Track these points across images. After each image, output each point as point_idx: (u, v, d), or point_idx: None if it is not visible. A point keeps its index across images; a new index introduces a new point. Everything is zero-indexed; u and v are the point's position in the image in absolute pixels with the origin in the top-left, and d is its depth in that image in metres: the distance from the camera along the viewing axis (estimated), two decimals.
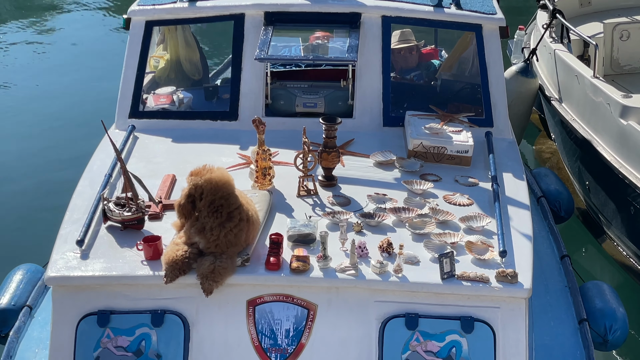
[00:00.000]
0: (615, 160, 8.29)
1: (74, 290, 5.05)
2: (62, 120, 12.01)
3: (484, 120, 6.86)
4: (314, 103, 7.05)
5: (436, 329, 4.92)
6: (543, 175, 8.17)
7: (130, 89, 6.97)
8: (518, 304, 4.95)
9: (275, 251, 5.06)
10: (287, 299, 5.00)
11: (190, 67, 7.89)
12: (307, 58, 7.12)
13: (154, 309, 4.99)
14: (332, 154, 5.89)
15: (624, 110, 8.20)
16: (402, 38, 7.92)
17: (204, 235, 4.93)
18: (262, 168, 5.82)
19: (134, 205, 5.41)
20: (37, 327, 5.82)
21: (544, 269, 6.32)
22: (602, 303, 6.03)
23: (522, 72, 9.90)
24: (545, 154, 10.86)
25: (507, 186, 6.05)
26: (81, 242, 5.23)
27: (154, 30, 7.21)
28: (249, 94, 6.93)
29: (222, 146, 6.59)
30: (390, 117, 6.90)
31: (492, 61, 6.92)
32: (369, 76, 6.92)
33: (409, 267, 5.06)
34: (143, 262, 5.10)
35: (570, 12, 10.42)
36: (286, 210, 5.67)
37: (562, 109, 9.45)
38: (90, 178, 6.09)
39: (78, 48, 15.09)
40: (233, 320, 5.00)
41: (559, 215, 7.74)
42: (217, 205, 4.92)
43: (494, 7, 7.13)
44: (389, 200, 5.76)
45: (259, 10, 6.97)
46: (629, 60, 9.84)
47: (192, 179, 4.98)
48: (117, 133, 6.76)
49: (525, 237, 5.44)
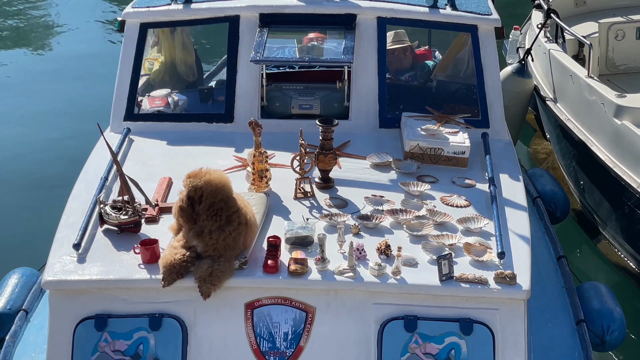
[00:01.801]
0: (610, 160, 8.29)
1: (71, 294, 5.03)
2: (56, 123, 11.96)
3: (480, 121, 6.86)
4: (310, 105, 7.04)
5: (435, 331, 4.91)
6: (538, 176, 8.18)
7: (125, 91, 6.95)
8: (517, 306, 4.95)
9: (273, 254, 5.04)
10: (285, 302, 4.98)
11: (185, 69, 7.86)
12: (303, 60, 7.11)
13: (151, 313, 4.97)
14: (329, 156, 5.88)
15: (618, 109, 8.20)
16: (396, 39, 7.90)
17: (202, 239, 4.91)
18: (259, 170, 5.81)
19: (131, 209, 5.39)
20: (34, 331, 5.79)
21: (540, 270, 6.32)
22: (599, 304, 6.04)
23: (517, 73, 9.89)
24: (541, 154, 10.86)
25: (504, 187, 6.05)
26: (78, 245, 5.21)
27: (148, 33, 7.18)
28: (244, 96, 6.91)
29: (217, 148, 6.58)
30: (386, 118, 6.89)
31: (488, 62, 6.92)
32: (365, 77, 6.91)
33: (407, 269, 5.05)
34: (140, 265, 5.08)
35: (565, 12, 10.42)
36: (283, 212, 5.65)
37: (557, 109, 9.45)
38: (86, 181, 6.07)
39: (72, 50, 15.02)
40: (231, 323, 4.98)
41: (555, 215, 7.74)
42: (217, 208, 4.90)
43: (489, 7, 7.13)
44: (386, 202, 5.75)
45: (254, 12, 6.95)
46: (624, 60, 9.83)
47: (191, 181, 4.95)
48: (112, 136, 6.73)
49: (523, 239, 5.44)
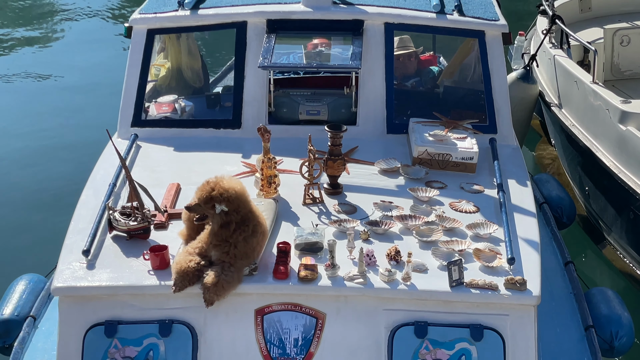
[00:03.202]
0: (615, 166, 8.29)
1: (80, 301, 5.02)
2: (63, 129, 11.97)
3: (488, 126, 6.86)
4: (317, 111, 7.04)
5: (445, 337, 4.91)
6: (544, 181, 8.18)
7: (132, 97, 6.95)
8: (527, 311, 4.95)
9: (283, 260, 5.04)
10: (295, 308, 4.98)
11: (191, 75, 7.86)
12: (311, 66, 7.11)
13: (161, 319, 4.97)
14: (338, 162, 5.88)
15: (623, 115, 8.21)
16: (401, 44, 7.90)
17: (226, 250, 4.89)
18: (268, 176, 5.80)
19: (140, 215, 5.39)
20: (42, 337, 5.78)
21: (548, 275, 6.30)
22: (607, 309, 6.04)
23: (522, 78, 9.91)
24: (546, 160, 10.86)
25: (513, 193, 6.04)
26: (87, 252, 5.21)
27: (155, 39, 7.18)
28: (252, 101, 6.91)
29: (225, 154, 6.57)
30: (394, 124, 6.89)
31: (495, 67, 6.92)
32: (372, 83, 6.91)
33: (417, 275, 5.04)
34: (150, 271, 5.08)
35: (570, 18, 10.44)
36: (292, 218, 5.65)
37: (562, 114, 9.45)
38: (94, 187, 6.06)
39: (79, 56, 15.02)
40: (241, 329, 4.98)
41: (561, 221, 7.73)
42: (246, 218, 4.90)
43: (496, 13, 7.12)
44: (395, 207, 5.75)
45: (261, 18, 6.96)
46: (630, 66, 9.85)
47: (223, 189, 4.87)
48: (120, 142, 6.73)
49: (532, 244, 5.43)
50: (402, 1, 7.16)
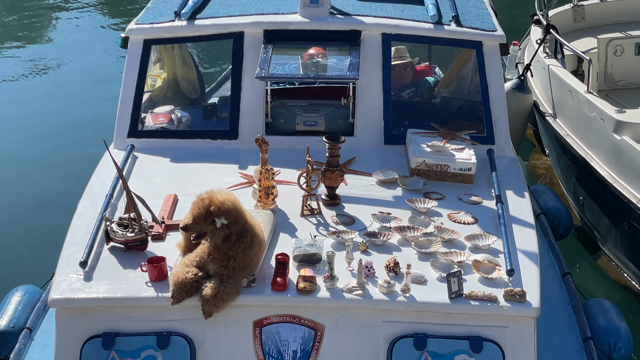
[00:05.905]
0: (609, 176, 8.30)
1: (78, 313, 5.00)
2: (59, 140, 11.92)
3: (486, 137, 6.85)
4: (315, 121, 7.02)
5: (445, 349, 4.89)
6: (541, 192, 8.18)
7: (128, 108, 6.92)
8: (527, 323, 4.94)
9: (281, 271, 5.02)
10: (294, 320, 4.96)
11: (187, 86, 7.85)
12: (309, 76, 7.09)
13: (159, 331, 4.94)
14: (336, 173, 5.87)
15: (617, 125, 8.23)
16: (397, 55, 7.90)
17: (220, 261, 4.87)
18: (265, 187, 5.79)
19: (137, 226, 5.37)
20: (38, 349, 5.75)
21: (546, 286, 6.29)
22: (606, 321, 6.03)
23: (516, 88, 9.91)
24: (540, 170, 10.88)
25: (511, 204, 6.04)
26: (84, 263, 5.18)
27: (152, 49, 7.16)
28: (249, 112, 6.89)
29: (222, 165, 6.55)
30: (391, 135, 6.88)
31: (493, 78, 6.91)
32: (370, 94, 6.90)
33: (416, 286, 5.03)
34: (147, 283, 5.06)
35: (564, 28, 10.47)
36: (290, 230, 5.63)
37: (556, 124, 9.46)
38: (91, 198, 6.04)
39: (75, 65, 15.00)
40: (239, 341, 4.96)
41: (558, 232, 7.73)
42: (244, 229, 4.88)
43: (493, 23, 7.12)
44: (394, 219, 5.73)
45: (258, 28, 6.95)
46: (623, 76, 9.86)
47: (219, 202, 4.85)
48: (116, 153, 6.68)
49: (531, 256, 5.42)
50: (399, 12, 7.16)
